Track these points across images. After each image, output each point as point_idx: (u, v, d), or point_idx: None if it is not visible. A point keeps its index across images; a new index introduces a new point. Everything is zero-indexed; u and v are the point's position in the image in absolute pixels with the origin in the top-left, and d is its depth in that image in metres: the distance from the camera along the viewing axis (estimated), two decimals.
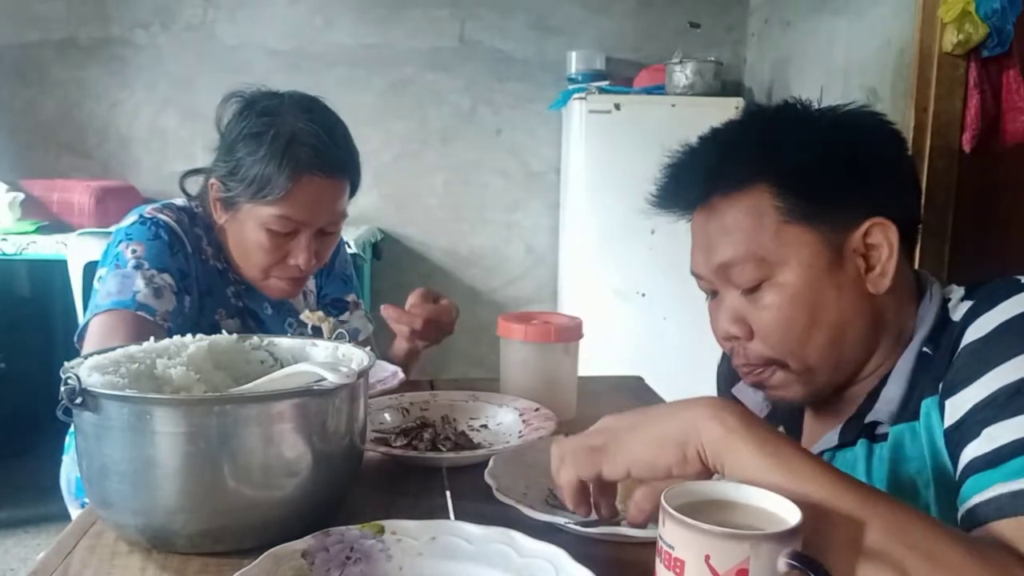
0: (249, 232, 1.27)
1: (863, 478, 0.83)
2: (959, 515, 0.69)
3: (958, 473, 0.71)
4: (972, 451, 0.69)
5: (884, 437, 0.84)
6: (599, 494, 0.73)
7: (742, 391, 0.99)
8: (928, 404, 0.79)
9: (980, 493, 0.67)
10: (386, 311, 1.31)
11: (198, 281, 1.30)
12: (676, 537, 0.55)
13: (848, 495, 0.60)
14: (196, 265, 1.30)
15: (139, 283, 1.20)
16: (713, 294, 0.90)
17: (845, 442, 0.87)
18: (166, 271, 1.24)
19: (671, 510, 0.55)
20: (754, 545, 0.52)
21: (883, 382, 0.85)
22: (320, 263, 1.33)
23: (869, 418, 0.85)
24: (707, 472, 0.65)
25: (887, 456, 0.83)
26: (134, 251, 1.24)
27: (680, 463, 0.64)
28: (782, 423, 0.98)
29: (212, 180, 1.29)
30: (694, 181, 0.87)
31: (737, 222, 0.83)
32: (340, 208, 1.30)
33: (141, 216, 1.30)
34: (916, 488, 0.80)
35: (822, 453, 0.89)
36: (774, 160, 0.83)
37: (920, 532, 0.60)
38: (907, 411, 0.82)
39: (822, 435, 0.90)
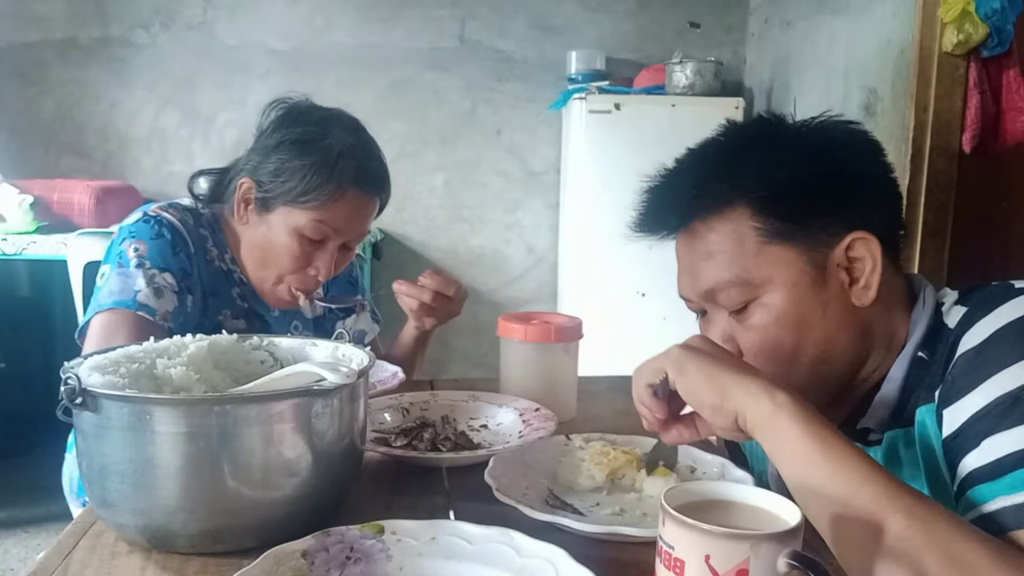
0: (278, 235, 1.28)
1: None
2: None
3: (957, 483, 0.71)
4: (972, 462, 0.69)
5: (878, 442, 0.84)
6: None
7: None
8: (923, 412, 0.79)
9: (983, 505, 0.67)
10: (398, 285, 1.34)
11: (201, 281, 1.30)
12: (676, 537, 0.55)
13: (877, 484, 0.62)
14: (199, 265, 1.30)
15: (140, 282, 1.20)
16: (702, 313, 0.90)
17: None
18: (168, 270, 1.24)
19: (671, 510, 0.55)
20: (754, 545, 0.52)
21: (876, 388, 0.84)
22: (332, 275, 1.35)
23: (860, 424, 0.85)
24: (736, 432, 0.70)
25: (880, 461, 0.83)
26: (136, 249, 1.24)
27: (714, 411, 0.71)
28: None
29: (243, 180, 1.29)
30: (673, 207, 0.87)
31: (719, 246, 0.83)
32: (368, 225, 1.34)
33: (145, 214, 1.30)
34: None
35: None
36: (750, 181, 0.82)
37: (944, 528, 0.60)
38: (901, 417, 0.82)
39: None
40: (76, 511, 1.65)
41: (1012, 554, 0.61)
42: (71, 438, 1.67)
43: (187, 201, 1.37)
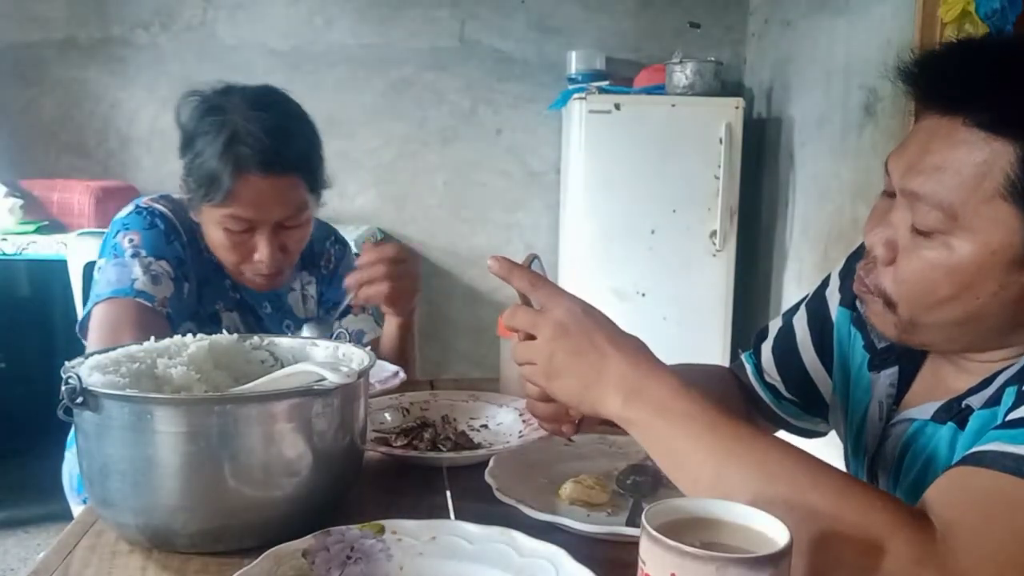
0: (210, 231, 1.27)
1: (943, 460, 0.79)
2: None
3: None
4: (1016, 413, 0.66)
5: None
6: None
7: None
8: (1011, 392, 0.72)
9: (981, 444, 0.64)
10: (348, 280, 1.24)
11: (195, 270, 1.31)
12: (647, 552, 0.53)
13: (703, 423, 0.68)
14: (192, 254, 1.31)
15: (137, 271, 1.21)
16: (891, 196, 0.79)
17: (937, 419, 0.81)
18: (163, 258, 1.25)
19: (645, 524, 0.53)
20: (720, 568, 0.50)
21: (1000, 372, 0.77)
22: (291, 257, 1.31)
23: (966, 401, 0.78)
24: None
25: (966, 444, 0.77)
26: (131, 240, 1.25)
27: (589, 419, 0.79)
28: (898, 360, 0.89)
29: (180, 180, 1.30)
30: (956, 89, 0.73)
31: (959, 163, 0.71)
32: (293, 204, 1.25)
33: (137, 206, 1.32)
34: None
35: (911, 421, 0.84)
36: None
37: (785, 464, 0.64)
38: (991, 397, 0.75)
39: (925, 400, 0.84)
40: (76, 508, 1.66)
41: (861, 487, 0.64)
42: (71, 436, 1.67)
43: (179, 194, 1.37)
